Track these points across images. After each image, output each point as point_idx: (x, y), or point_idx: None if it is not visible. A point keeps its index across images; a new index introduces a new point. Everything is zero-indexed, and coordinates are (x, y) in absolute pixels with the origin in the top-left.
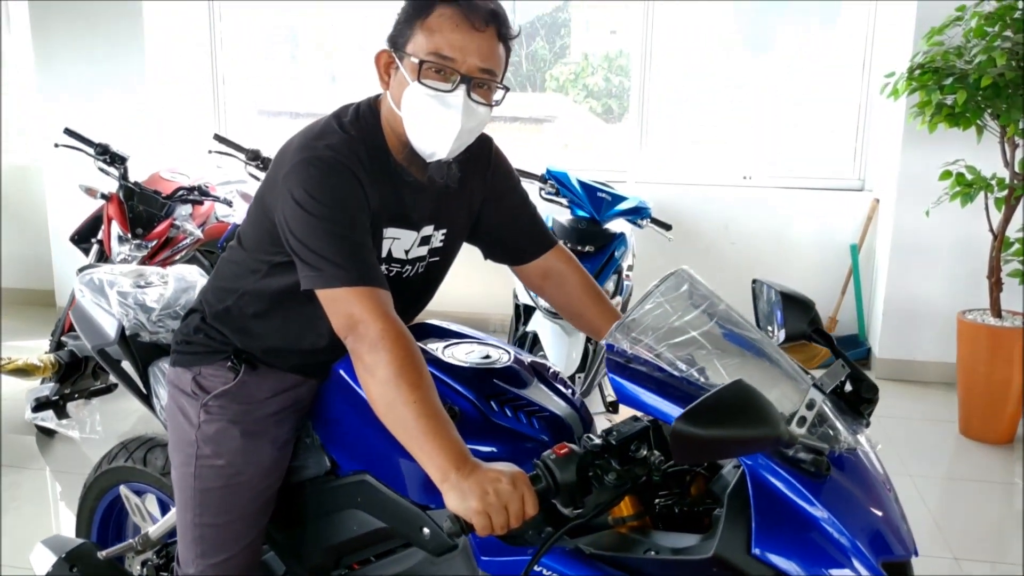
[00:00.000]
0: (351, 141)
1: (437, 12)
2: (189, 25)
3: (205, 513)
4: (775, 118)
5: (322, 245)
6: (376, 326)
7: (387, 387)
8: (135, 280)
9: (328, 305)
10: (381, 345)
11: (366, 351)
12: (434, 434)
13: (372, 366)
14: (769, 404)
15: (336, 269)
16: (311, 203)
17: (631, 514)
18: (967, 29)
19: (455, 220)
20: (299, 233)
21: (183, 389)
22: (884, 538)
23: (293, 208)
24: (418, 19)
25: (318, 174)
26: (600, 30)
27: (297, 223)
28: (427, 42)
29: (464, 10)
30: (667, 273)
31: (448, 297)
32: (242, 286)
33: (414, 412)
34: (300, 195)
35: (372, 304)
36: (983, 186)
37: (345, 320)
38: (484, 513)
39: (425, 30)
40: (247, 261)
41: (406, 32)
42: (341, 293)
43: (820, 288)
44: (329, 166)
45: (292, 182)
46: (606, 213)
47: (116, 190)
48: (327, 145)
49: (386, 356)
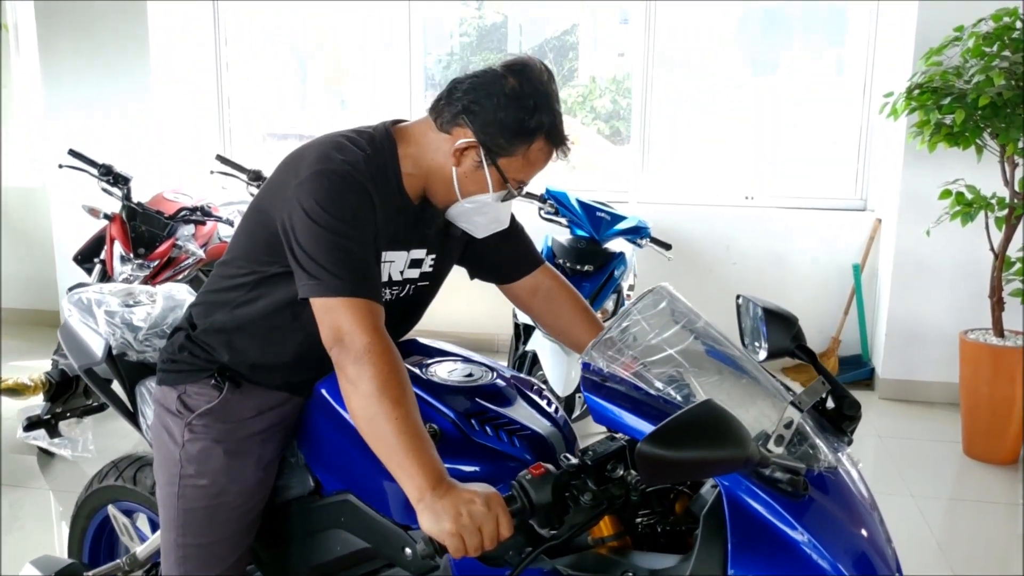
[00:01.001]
0: (367, 160)
1: (539, 145)
2: (194, 48)
3: (188, 533)
4: (777, 138)
5: (325, 255)
6: (363, 339)
7: (369, 401)
8: (123, 299)
9: (320, 315)
10: (366, 359)
11: (350, 363)
12: (414, 452)
13: (355, 379)
14: (739, 424)
15: (333, 279)
16: (321, 215)
17: (611, 534)
18: (965, 49)
19: (446, 246)
20: (304, 242)
21: (168, 408)
22: (868, 558)
23: (302, 217)
24: (523, 143)
25: (332, 187)
26: (608, 53)
27: (304, 232)
28: (521, 171)
29: (558, 146)
30: (646, 290)
31: (451, 318)
32: (231, 299)
33: (395, 429)
34: (311, 205)
35: (362, 317)
36: (983, 205)
37: (333, 331)
38: (457, 535)
39: (524, 159)
40: (237, 273)
41: (505, 146)
42: (334, 303)
43: (823, 308)
44: (345, 180)
45: (304, 192)
46: (605, 233)
47: (119, 210)
48: (345, 160)
49: (370, 370)
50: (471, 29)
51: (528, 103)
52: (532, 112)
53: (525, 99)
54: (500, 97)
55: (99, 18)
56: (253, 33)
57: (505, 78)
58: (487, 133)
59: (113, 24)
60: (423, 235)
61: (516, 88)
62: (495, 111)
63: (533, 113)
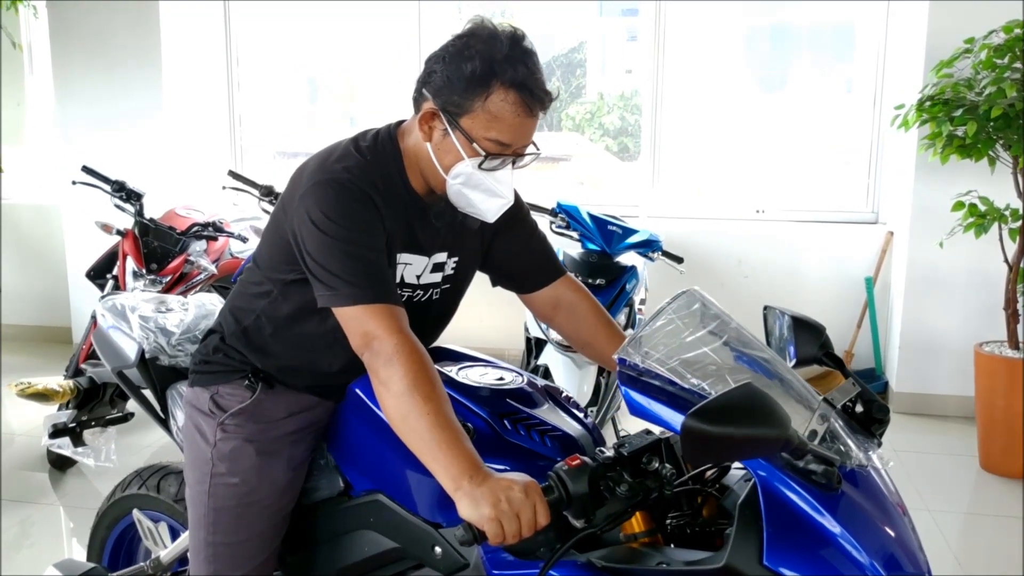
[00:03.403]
0: (367, 165)
1: (499, 95)
2: (206, 67)
3: (218, 532)
4: (787, 152)
5: (337, 265)
6: (390, 341)
7: (401, 399)
8: (156, 306)
9: (345, 324)
10: (395, 359)
11: (381, 366)
12: (448, 444)
13: (387, 380)
14: (779, 406)
15: (350, 288)
16: (327, 223)
17: (643, 531)
18: (976, 61)
19: (467, 248)
20: (314, 253)
21: (200, 408)
22: (896, 557)
23: (309, 228)
24: (478, 95)
25: (334, 195)
26: (615, 70)
27: (313, 243)
28: (487, 127)
29: (526, 96)
30: (678, 292)
31: (462, 332)
32: (258, 306)
33: (428, 423)
34: (316, 215)
35: (386, 321)
36: (997, 217)
37: (361, 337)
38: (496, 520)
39: (486, 113)
40: (262, 281)
41: (462, 103)
42: (356, 311)
43: (835, 322)
44: (345, 188)
45: (309, 202)
46: (617, 246)
47: (132, 226)
48: (344, 168)
49: (400, 369)
50: None
51: (471, 52)
52: (479, 60)
53: (470, 50)
54: (448, 55)
55: (112, 37)
56: (264, 53)
57: (458, 38)
58: (441, 95)
59: (126, 43)
60: (444, 238)
61: (461, 43)
62: (444, 70)
63: (481, 61)
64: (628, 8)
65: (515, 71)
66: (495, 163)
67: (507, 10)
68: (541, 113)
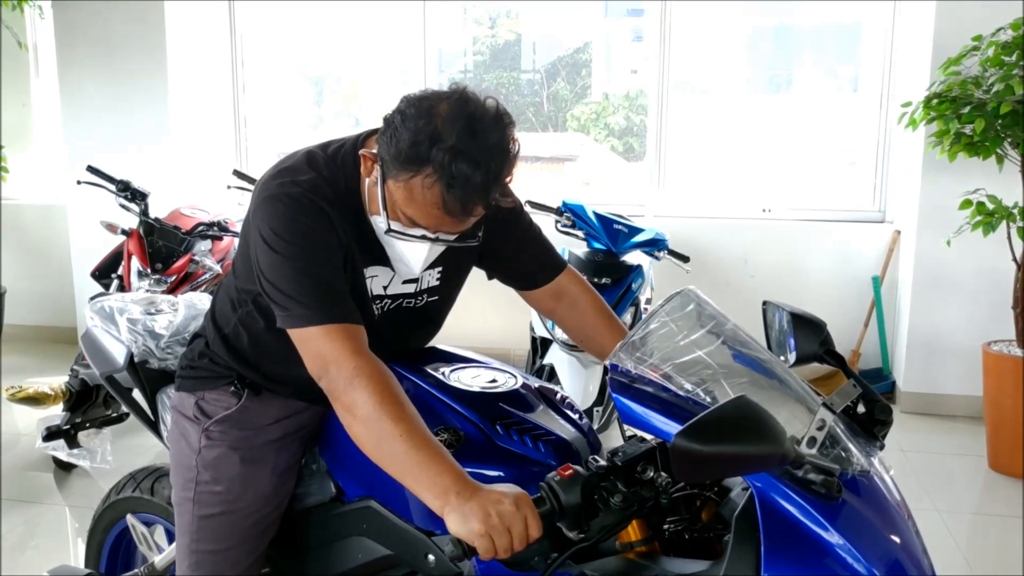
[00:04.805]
0: (318, 180)
1: (425, 182)
2: (211, 68)
3: (202, 539)
4: (794, 151)
5: (289, 284)
6: (349, 364)
7: (369, 424)
8: (145, 307)
9: (300, 345)
10: (357, 383)
11: (342, 391)
12: (427, 463)
13: (350, 405)
14: (774, 421)
15: (303, 309)
16: (277, 241)
17: (639, 539)
18: (984, 58)
19: (450, 258)
20: (267, 272)
21: (185, 414)
22: (901, 565)
23: (261, 246)
24: (407, 170)
25: (285, 211)
26: (620, 70)
27: (265, 261)
28: (404, 201)
29: (452, 197)
30: (673, 292)
31: (467, 332)
32: (237, 315)
33: (403, 445)
34: (267, 232)
35: (342, 342)
36: (1005, 215)
37: (317, 361)
38: (487, 535)
39: (408, 189)
40: (238, 292)
41: (393, 167)
42: (310, 332)
43: (842, 321)
44: (296, 202)
45: (259, 218)
46: (623, 245)
47: (136, 226)
48: (293, 181)
49: (364, 393)
50: (484, 48)
51: (433, 130)
52: (430, 141)
53: (425, 121)
54: (408, 114)
55: (117, 38)
56: (269, 54)
57: (440, 100)
58: (383, 148)
59: (131, 43)
60: None
61: (424, 108)
62: (399, 127)
63: (432, 143)
64: (633, 8)
65: (453, 167)
66: (406, 235)
67: (512, 10)
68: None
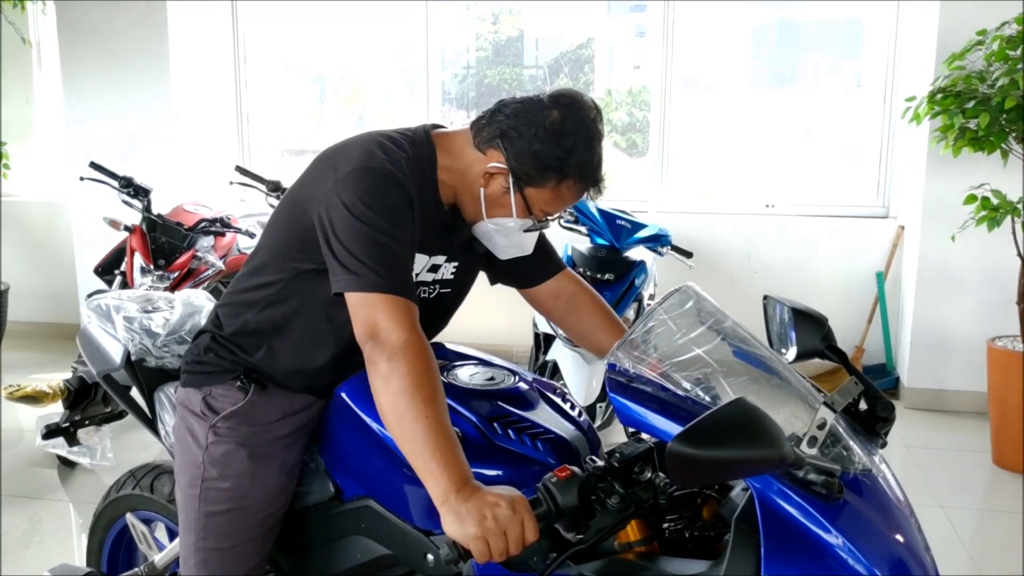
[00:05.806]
0: (409, 160)
1: (572, 183)
2: (214, 65)
3: (209, 537)
4: (797, 146)
5: (363, 250)
6: (400, 335)
7: (399, 398)
8: (142, 305)
9: (356, 309)
10: (401, 355)
11: (384, 359)
12: (442, 453)
13: (388, 375)
14: (772, 423)
15: (373, 275)
16: (363, 210)
17: (638, 539)
18: (988, 53)
19: (468, 256)
20: (343, 237)
21: (192, 410)
22: (905, 563)
23: (342, 212)
24: (553, 178)
25: (375, 184)
26: (623, 66)
27: (343, 227)
28: (549, 203)
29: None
30: (672, 290)
31: (470, 329)
32: (261, 298)
33: (424, 427)
34: (351, 200)
35: (400, 315)
36: (1010, 210)
37: (369, 326)
38: (482, 539)
39: (553, 193)
40: (267, 271)
41: (535, 177)
42: (373, 298)
43: (846, 317)
44: (388, 178)
45: (345, 187)
46: (626, 241)
47: (139, 222)
48: (387, 159)
49: (405, 367)
50: (487, 44)
51: (567, 141)
52: (569, 150)
53: (564, 136)
54: (540, 128)
55: (120, 34)
56: (272, 51)
57: (550, 110)
58: (519, 162)
59: (134, 40)
60: (448, 244)
61: (557, 122)
62: (532, 141)
63: (571, 152)
64: (636, 4)
65: (595, 170)
66: (537, 228)
67: (514, 6)
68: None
